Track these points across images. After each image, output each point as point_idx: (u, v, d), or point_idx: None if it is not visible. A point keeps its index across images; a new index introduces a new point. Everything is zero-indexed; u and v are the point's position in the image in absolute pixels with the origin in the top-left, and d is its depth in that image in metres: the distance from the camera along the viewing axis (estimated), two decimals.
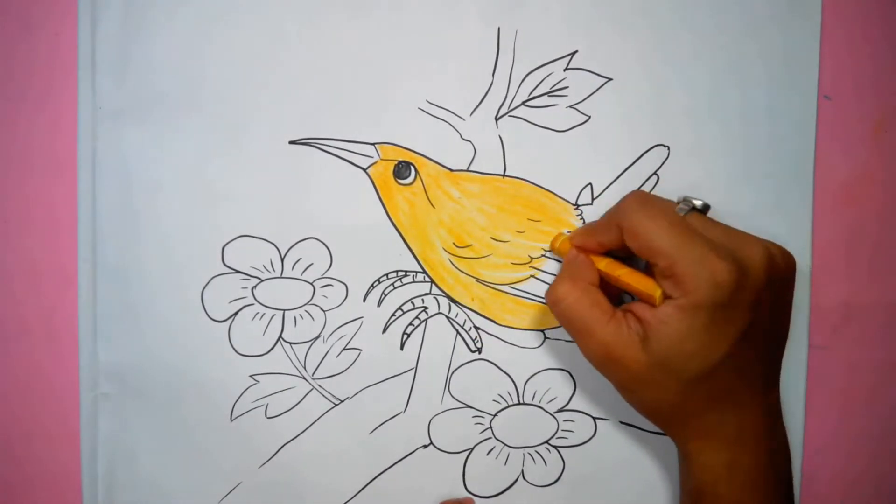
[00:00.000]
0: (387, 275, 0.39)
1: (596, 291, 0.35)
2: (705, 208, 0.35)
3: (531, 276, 0.39)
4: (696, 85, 0.39)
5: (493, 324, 0.40)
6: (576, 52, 0.39)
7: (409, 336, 0.39)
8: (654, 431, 0.40)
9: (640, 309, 0.33)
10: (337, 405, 0.40)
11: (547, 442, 0.40)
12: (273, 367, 0.39)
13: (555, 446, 0.40)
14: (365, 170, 0.39)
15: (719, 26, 0.39)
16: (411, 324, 0.39)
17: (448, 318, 0.39)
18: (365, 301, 0.39)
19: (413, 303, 0.39)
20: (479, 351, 0.40)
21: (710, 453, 0.34)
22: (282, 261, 0.39)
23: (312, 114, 0.38)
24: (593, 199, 0.39)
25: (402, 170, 0.39)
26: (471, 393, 0.40)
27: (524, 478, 0.40)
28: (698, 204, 0.35)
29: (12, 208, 0.39)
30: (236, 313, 0.39)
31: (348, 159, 0.39)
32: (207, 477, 0.39)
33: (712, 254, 0.32)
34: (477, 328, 0.40)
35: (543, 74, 0.39)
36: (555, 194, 0.39)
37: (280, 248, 0.39)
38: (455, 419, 0.40)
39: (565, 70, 0.39)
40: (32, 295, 0.39)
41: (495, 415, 0.40)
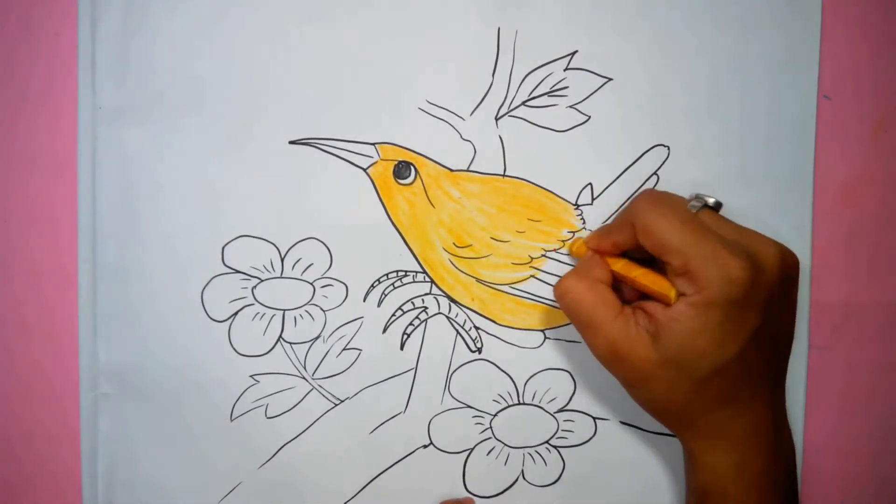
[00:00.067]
0: (387, 275, 0.39)
1: (604, 288, 0.34)
2: (717, 205, 0.35)
3: (531, 276, 0.39)
4: (696, 85, 0.39)
5: (493, 324, 0.40)
6: (576, 52, 0.39)
7: (409, 336, 0.39)
8: (655, 431, 0.40)
9: (651, 307, 0.33)
10: (337, 405, 0.40)
11: (547, 442, 0.40)
12: (273, 367, 0.39)
13: (555, 446, 0.40)
14: (365, 170, 0.39)
15: (719, 26, 0.39)
16: (411, 324, 0.39)
17: (448, 318, 0.39)
18: (365, 301, 0.39)
19: (413, 303, 0.39)
20: (479, 351, 0.40)
21: (717, 453, 0.34)
22: (282, 261, 0.39)
23: (312, 114, 0.38)
24: (593, 199, 0.39)
25: (402, 170, 0.39)
26: (471, 393, 0.40)
27: (524, 478, 0.40)
28: (710, 201, 0.35)
29: (12, 208, 0.39)
30: (236, 313, 0.39)
31: (348, 159, 0.39)
32: (207, 477, 0.39)
33: (725, 250, 0.31)
34: (477, 328, 0.40)
35: (543, 74, 0.39)
36: (555, 194, 0.39)
37: (280, 248, 0.39)
38: (455, 419, 0.40)
39: (565, 70, 0.39)
40: (32, 295, 0.39)
41: (495, 415, 0.40)
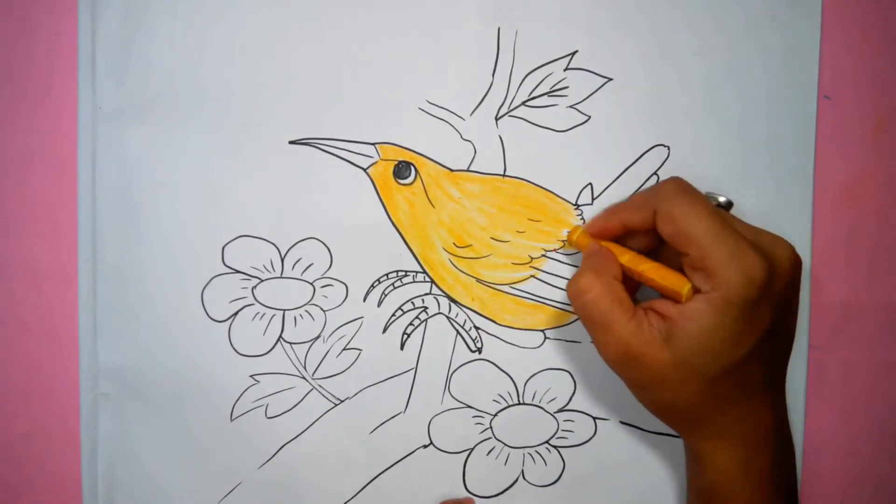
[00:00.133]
0: (387, 275, 0.39)
1: (619, 287, 0.34)
2: (728, 205, 0.35)
3: (531, 276, 0.39)
4: (696, 85, 0.39)
5: (493, 324, 0.40)
6: (576, 52, 0.39)
7: (409, 336, 0.39)
8: (655, 431, 0.40)
9: (663, 306, 0.33)
10: (337, 405, 0.40)
11: (547, 442, 0.40)
12: (273, 367, 0.39)
13: (555, 446, 0.40)
14: (365, 170, 0.39)
15: (719, 26, 0.39)
16: (411, 324, 0.39)
17: (448, 318, 0.39)
18: (365, 301, 0.39)
19: (413, 303, 0.39)
20: (480, 351, 0.40)
21: (723, 453, 0.34)
22: (282, 261, 0.39)
23: (312, 114, 0.38)
24: (593, 199, 0.39)
25: (402, 170, 0.39)
26: (471, 393, 0.40)
27: (524, 478, 0.40)
28: (722, 200, 0.34)
29: (12, 208, 0.39)
30: (236, 313, 0.39)
31: (348, 159, 0.39)
32: (207, 477, 0.39)
33: (748, 248, 0.31)
34: (477, 328, 0.40)
35: (543, 74, 0.39)
36: (555, 194, 0.39)
37: (280, 248, 0.39)
38: (455, 419, 0.40)
39: (565, 70, 0.39)
40: (32, 295, 0.39)
41: (495, 415, 0.40)
